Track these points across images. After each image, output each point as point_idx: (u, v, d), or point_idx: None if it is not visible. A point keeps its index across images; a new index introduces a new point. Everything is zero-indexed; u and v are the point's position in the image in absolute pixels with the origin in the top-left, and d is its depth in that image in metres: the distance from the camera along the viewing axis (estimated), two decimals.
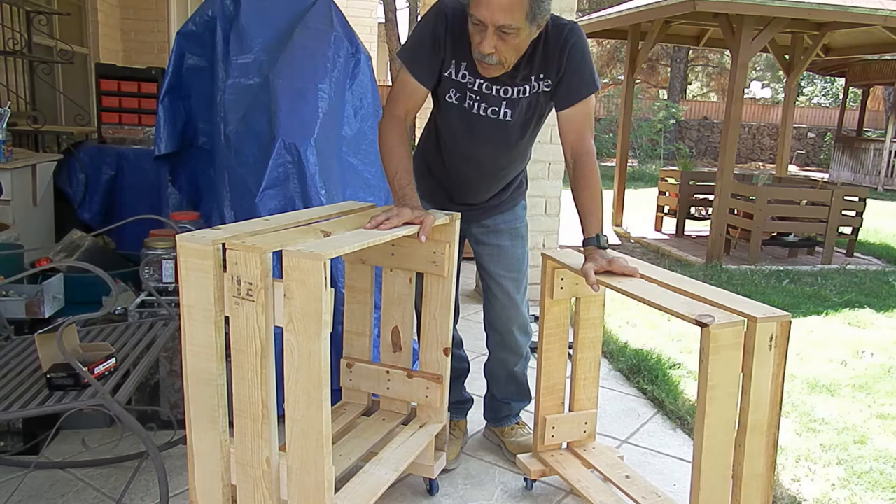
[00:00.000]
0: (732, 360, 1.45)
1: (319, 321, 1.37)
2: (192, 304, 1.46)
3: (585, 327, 2.07)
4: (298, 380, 1.42)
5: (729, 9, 5.56)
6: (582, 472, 2.03)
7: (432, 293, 2.01)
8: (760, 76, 24.61)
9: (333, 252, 1.40)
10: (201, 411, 1.51)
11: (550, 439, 2.11)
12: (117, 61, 5.55)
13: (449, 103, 1.91)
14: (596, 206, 1.82)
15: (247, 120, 2.50)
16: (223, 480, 1.53)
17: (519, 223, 2.19)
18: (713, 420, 1.46)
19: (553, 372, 2.09)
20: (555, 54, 1.81)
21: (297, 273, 1.37)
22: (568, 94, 1.84)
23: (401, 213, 1.69)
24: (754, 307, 1.51)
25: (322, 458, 1.44)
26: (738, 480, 1.51)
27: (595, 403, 2.15)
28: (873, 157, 13.34)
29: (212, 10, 2.71)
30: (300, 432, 1.44)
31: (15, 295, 2.25)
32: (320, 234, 1.57)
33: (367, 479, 1.76)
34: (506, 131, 1.93)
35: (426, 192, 2.11)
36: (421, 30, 1.85)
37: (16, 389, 1.66)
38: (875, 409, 2.90)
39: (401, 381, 2.08)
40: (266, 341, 1.43)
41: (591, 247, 1.79)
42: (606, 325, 3.74)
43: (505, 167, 2.06)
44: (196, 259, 1.43)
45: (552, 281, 2.00)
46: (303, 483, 1.47)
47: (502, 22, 1.63)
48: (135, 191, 3.68)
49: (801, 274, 5.42)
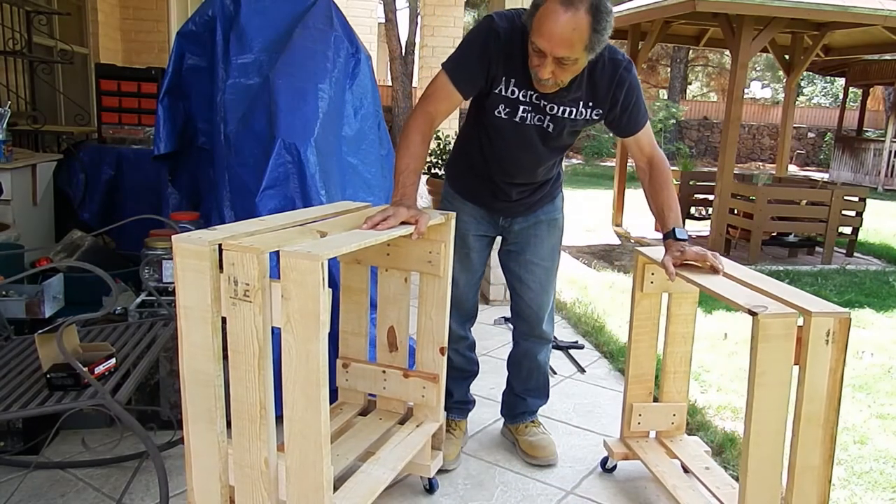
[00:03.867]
0: (783, 351, 1.52)
1: (317, 321, 1.37)
2: (189, 305, 1.45)
3: (676, 322, 2.16)
4: (297, 380, 1.42)
5: (729, 9, 5.56)
6: (662, 459, 2.12)
7: (428, 293, 2.02)
8: (760, 76, 24.60)
9: (331, 252, 1.40)
10: (199, 412, 1.50)
11: (637, 426, 2.20)
12: (117, 61, 5.55)
13: (498, 117, 1.95)
14: (674, 203, 1.97)
15: (247, 120, 2.50)
16: (221, 481, 1.53)
17: (557, 214, 2.23)
18: (761, 405, 1.54)
19: (642, 362, 2.18)
20: (609, 88, 1.88)
21: (295, 273, 1.36)
22: (633, 127, 1.98)
23: (397, 212, 1.71)
24: (813, 303, 1.58)
25: (321, 458, 1.44)
26: (791, 471, 1.57)
27: (685, 397, 2.24)
28: (873, 157, 13.34)
29: (212, 10, 2.71)
30: (299, 433, 1.44)
31: (15, 295, 2.25)
32: (317, 234, 1.57)
33: (364, 479, 1.76)
34: (547, 139, 1.98)
35: (467, 191, 2.14)
36: (469, 44, 1.89)
37: (16, 389, 1.66)
38: (875, 409, 2.90)
39: (397, 380, 2.08)
40: (264, 342, 1.42)
41: (670, 240, 1.92)
42: (606, 326, 3.74)
43: (547, 167, 2.10)
44: (192, 260, 1.42)
45: (643, 275, 2.10)
46: (302, 483, 1.47)
47: (562, 55, 1.68)
48: (135, 191, 3.68)
49: (801, 274, 5.42)
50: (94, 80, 4.19)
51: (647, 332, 2.16)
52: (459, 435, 2.34)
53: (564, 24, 1.62)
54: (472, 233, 2.17)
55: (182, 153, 2.96)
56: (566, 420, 2.64)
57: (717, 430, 2.56)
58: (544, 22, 1.64)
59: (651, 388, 2.21)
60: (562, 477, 2.23)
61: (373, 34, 9.53)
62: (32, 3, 4.15)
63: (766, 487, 1.57)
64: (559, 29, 1.62)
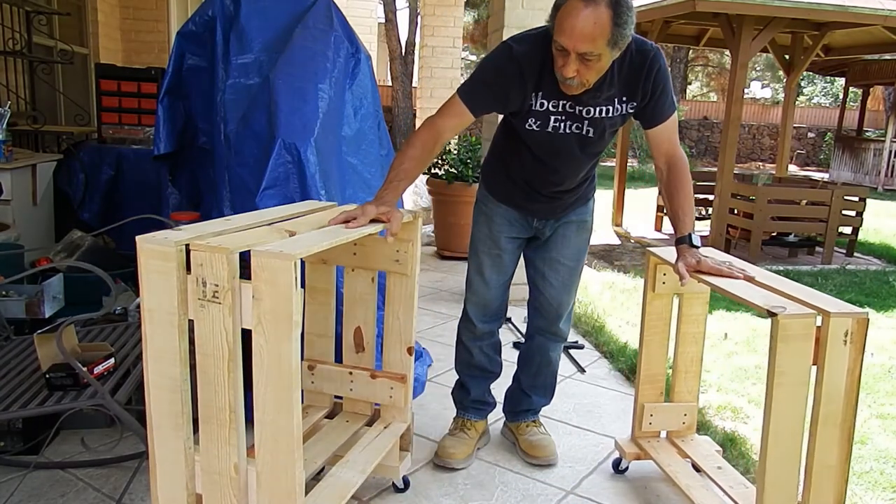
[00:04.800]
0: (802, 351, 1.53)
1: (290, 322, 1.34)
2: (154, 308, 1.40)
3: (687, 322, 2.16)
4: (268, 382, 1.38)
5: (729, 9, 5.56)
6: (675, 458, 2.12)
7: (396, 292, 2.01)
8: (760, 76, 24.60)
9: (303, 251, 1.38)
10: (164, 419, 1.45)
11: (648, 426, 2.20)
12: (117, 61, 5.55)
13: (530, 130, 1.96)
14: (690, 207, 1.94)
15: (247, 120, 2.50)
16: (188, 490, 1.48)
17: (588, 216, 2.23)
18: (780, 406, 1.54)
19: (653, 362, 2.19)
20: (639, 79, 1.87)
21: (267, 273, 1.33)
22: (659, 115, 1.94)
23: (365, 211, 1.70)
24: (831, 303, 1.58)
25: (293, 462, 1.41)
26: (809, 471, 1.58)
27: (695, 397, 2.24)
28: (873, 156, 13.34)
29: (212, 10, 2.71)
30: (270, 436, 1.41)
31: (15, 295, 2.25)
32: (285, 233, 1.54)
33: (334, 483, 1.74)
34: (587, 145, 1.98)
35: (504, 195, 2.15)
36: (486, 71, 1.91)
37: (16, 389, 1.66)
38: (875, 409, 2.90)
39: (364, 381, 2.07)
40: (234, 344, 1.39)
41: (683, 245, 1.89)
42: (606, 326, 3.74)
43: (583, 171, 2.10)
44: (158, 261, 1.38)
45: (654, 276, 2.10)
46: (273, 488, 1.44)
47: (584, 50, 1.68)
48: (135, 191, 3.68)
49: (801, 274, 5.42)
50: (94, 80, 4.19)
51: (659, 333, 2.16)
52: (474, 436, 2.33)
53: (585, 18, 1.63)
54: (505, 234, 2.18)
55: (183, 153, 2.96)
56: (566, 420, 2.64)
57: (718, 430, 2.56)
58: (566, 19, 1.66)
59: (662, 388, 2.21)
60: (562, 477, 2.23)
61: (373, 34, 9.52)
62: (32, 3, 4.15)
63: (784, 487, 1.57)
64: (580, 24, 1.64)
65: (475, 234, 2.22)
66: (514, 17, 3.73)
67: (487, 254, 2.19)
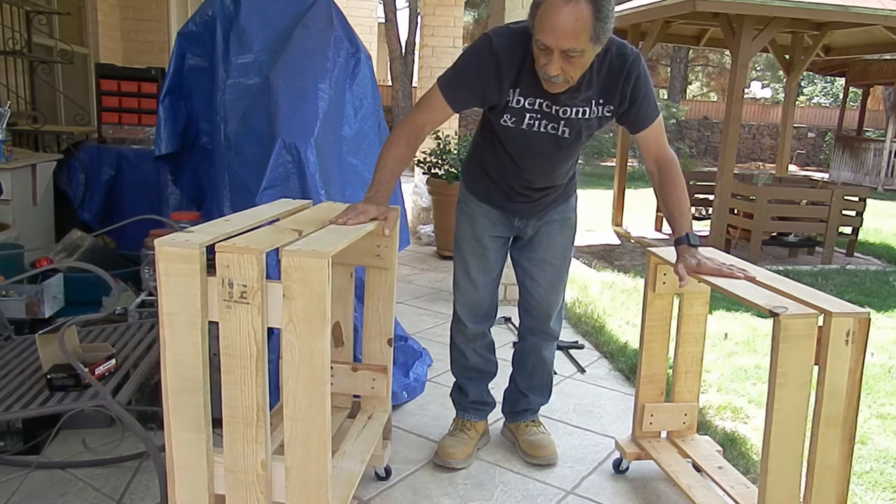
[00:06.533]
0: (804, 351, 1.53)
1: (323, 319, 1.38)
2: (174, 312, 1.40)
3: (688, 322, 2.17)
4: (299, 379, 1.41)
5: (729, 9, 5.56)
6: (676, 458, 2.13)
7: (374, 286, 2.04)
8: (760, 76, 24.60)
9: (332, 250, 1.41)
10: (185, 422, 1.46)
11: (648, 426, 2.21)
12: (117, 61, 5.54)
13: (505, 126, 1.95)
14: (686, 206, 1.93)
15: (247, 120, 2.50)
16: (209, 491, 1.49)
17: (571, 213, 2.23)
18: (782, 406, 1.55)
19: (653, 362, 2.19)
20: (618, 83, 1.86)
21: (299, 273, 1.36)
22: (643, 120, 1.94)
23: (366, 209, 1.75)
24: (833, 303, 1.59)
25: (325, 455, 1.44)
26: (811, 470, 1.59)
27: (696, 397, 2.25)
28: (873, 156, 13.34)
29: (212, 10, 2.71)
30: (302, 431, 1.44)
31: (15, 295, 2.25)
32: (294, 232, 1.56)
33: (338, 474, 1.77)
34: (563, 145, 1.98)
35: (483, 194, 2.15)
36: (465, 64, 1.89)
37: (16, 390, 1.66)
38: (875, 409, 2.90)
39: (345, 374, 2.09)
40: (262, 343, 1.41)
41: (682, 245, 1.89)
42: (606, 326, 3.74)
43: (561, 170, 2.10)
44: (180, 264, 1.37)
45: (655, 276, 2.11)
46: (304, 482, 1.47)
47: (567, 47, 1.67)
48: (135, 191, 3.68)
49: (801, 274, 5.41)
50: (94, 80, 4.18)
51: (660, 333, 2.17)
52: (474, 436, 2.33)
53: (566, 15, 1.62)
54: (488, 234, 2.18)
55: (184, 153, 2.96)
56: (566, 420, 2.64)
57: (718, 430, 2.56)
58: (546, 17, 1.65)
59: (663, 388, 2.22)
60: (562, 477, 2.23)
61: (373, 34, 9.51)
62: (32, 3, 4.15)
63: (786, 487, 1.58)
64: (562, 21, 1.63)
65: (458, 234, 2.22)
66: (514, 17, 3.73)
67: (472, 254, 2.19)
